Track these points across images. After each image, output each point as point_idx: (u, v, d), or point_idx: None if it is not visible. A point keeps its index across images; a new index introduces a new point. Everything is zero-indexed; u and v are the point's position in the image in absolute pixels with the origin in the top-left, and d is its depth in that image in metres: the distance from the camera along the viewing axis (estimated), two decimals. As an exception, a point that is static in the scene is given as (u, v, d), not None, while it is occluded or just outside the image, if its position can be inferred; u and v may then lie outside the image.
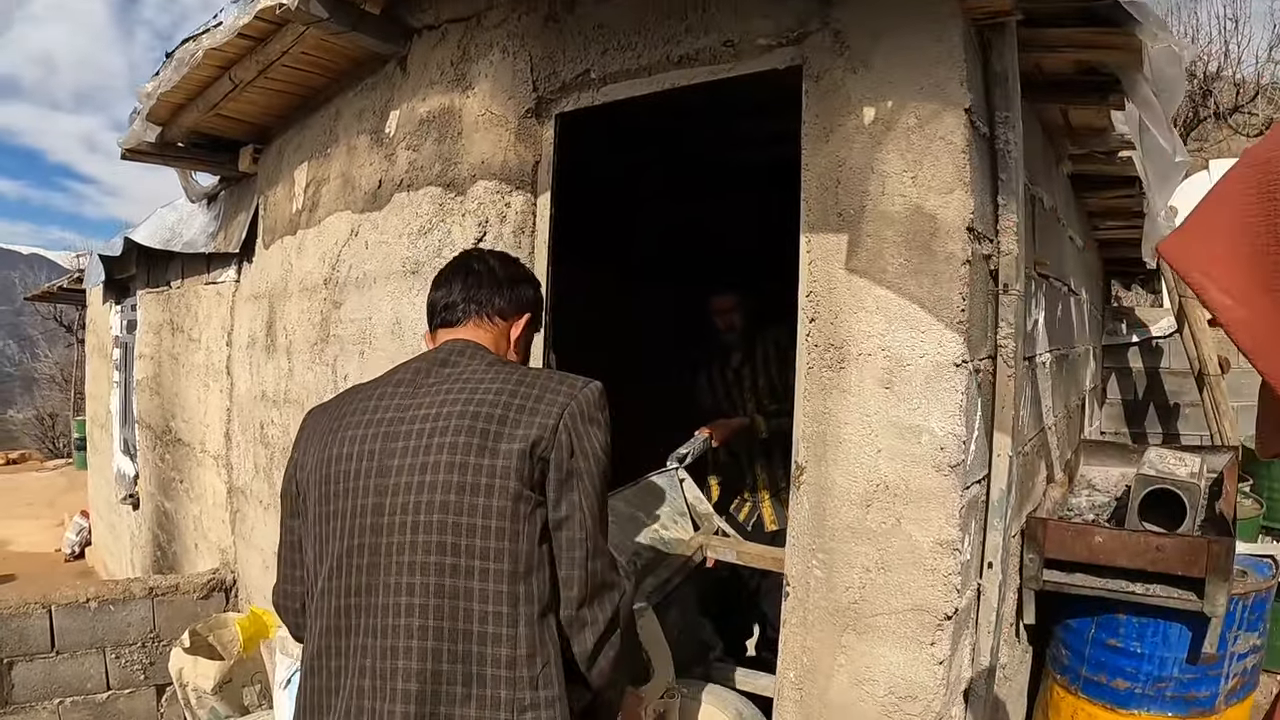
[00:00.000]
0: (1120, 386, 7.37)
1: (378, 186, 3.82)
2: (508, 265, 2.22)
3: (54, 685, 4.99)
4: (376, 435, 1.90)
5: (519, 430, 1.83)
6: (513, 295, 2.16)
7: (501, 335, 2.14)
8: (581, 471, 1.85)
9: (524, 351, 2.23)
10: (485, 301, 2.13)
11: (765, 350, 4.47)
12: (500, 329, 2.13)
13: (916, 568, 2.29)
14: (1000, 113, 2.42)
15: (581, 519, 1.84)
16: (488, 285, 2.14)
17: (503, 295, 2.14)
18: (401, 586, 1.80)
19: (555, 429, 1.84)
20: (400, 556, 1.81)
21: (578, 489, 1.85)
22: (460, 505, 1.80)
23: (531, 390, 1.89)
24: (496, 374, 1.94)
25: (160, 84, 4.55)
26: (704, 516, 3.61)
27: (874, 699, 2.38)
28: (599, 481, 1.88)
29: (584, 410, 1.88)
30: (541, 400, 1.87)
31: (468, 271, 2.17)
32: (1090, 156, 3.99)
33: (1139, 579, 3.03)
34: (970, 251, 2.21)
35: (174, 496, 7.08)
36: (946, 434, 2.23)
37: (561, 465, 1.84)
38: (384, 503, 1.84)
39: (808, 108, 2.46)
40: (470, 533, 1.79)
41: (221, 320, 5.87)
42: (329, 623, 1.86)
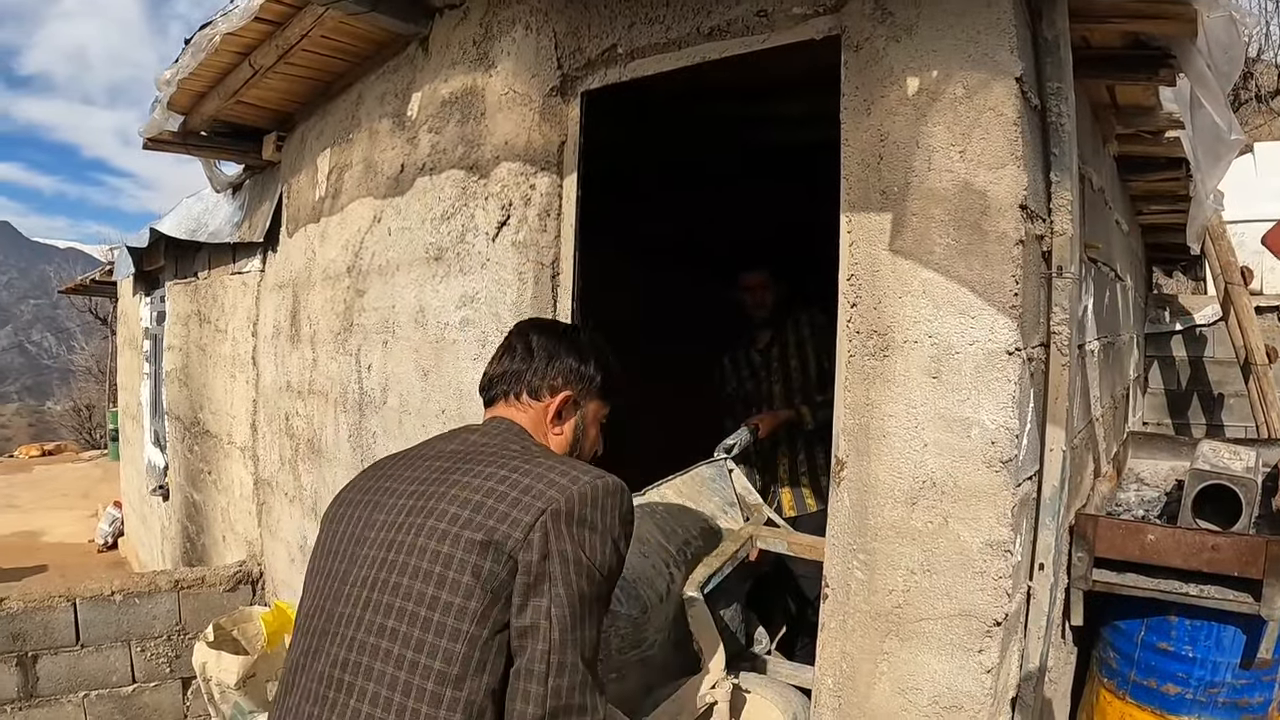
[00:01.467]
0: (1163, 376, 7.22)
1: (400, 171, 3.74)
2: (549, 337, 2.14)
3: (79, 678, 4.99)
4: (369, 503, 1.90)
5: (490, 522, 1.73)
6: (548, 371, 2.09)
7: (540, 415, 2.08)
8: (555, 576, 1.70)
9: (572, 432, 2.12)
10: (514, 382, 2.09)
11: (799, 333, 4.46)
12: (537, 410, 2.07)
13: (964, 570, 2.16)
14: (1052, 83, 2.28)
15: (547, 630, 1.68)
16: (520, 363, 2.10)
17: (536, 374, 2.08)
18: (336, 659, 1.75)
19: (530, 526, 1.71)
20: (345, 629, 1.76)
21: (547, 595, 1.69)
22: (409, 590, 1.72)
23: (523, 480, 1.79)
24: (504, 461, 1.87)
25: (179, 71, 4.50)
26: (754, 508, 3.55)
27: (917, 708, 2.26)
28: (578, 589, 1.71)
29: (570, 509, 1.74)
30: (528, 493, 1.76)
31: (507, 348, 2.16)
32: (1137, 136, 3.86)
33: (1193, 580, 2.89)
34: (1023, 231, 2.08)
35: (202, 488, 7.08)
36: (998, 427, 2.10)
37: (530, 568, 1.70)
38: (350, 572, 1.81)
39: (847, 79, 2.33)
40: (411, 621, 1.70)
41: (247, 310, 5.83)
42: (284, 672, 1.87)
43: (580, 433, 2.13)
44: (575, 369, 2.09)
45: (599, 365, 2.12)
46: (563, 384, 2.08)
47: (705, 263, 6.27)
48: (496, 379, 2.12)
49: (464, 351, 3.28)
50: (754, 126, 4.94)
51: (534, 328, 2.19)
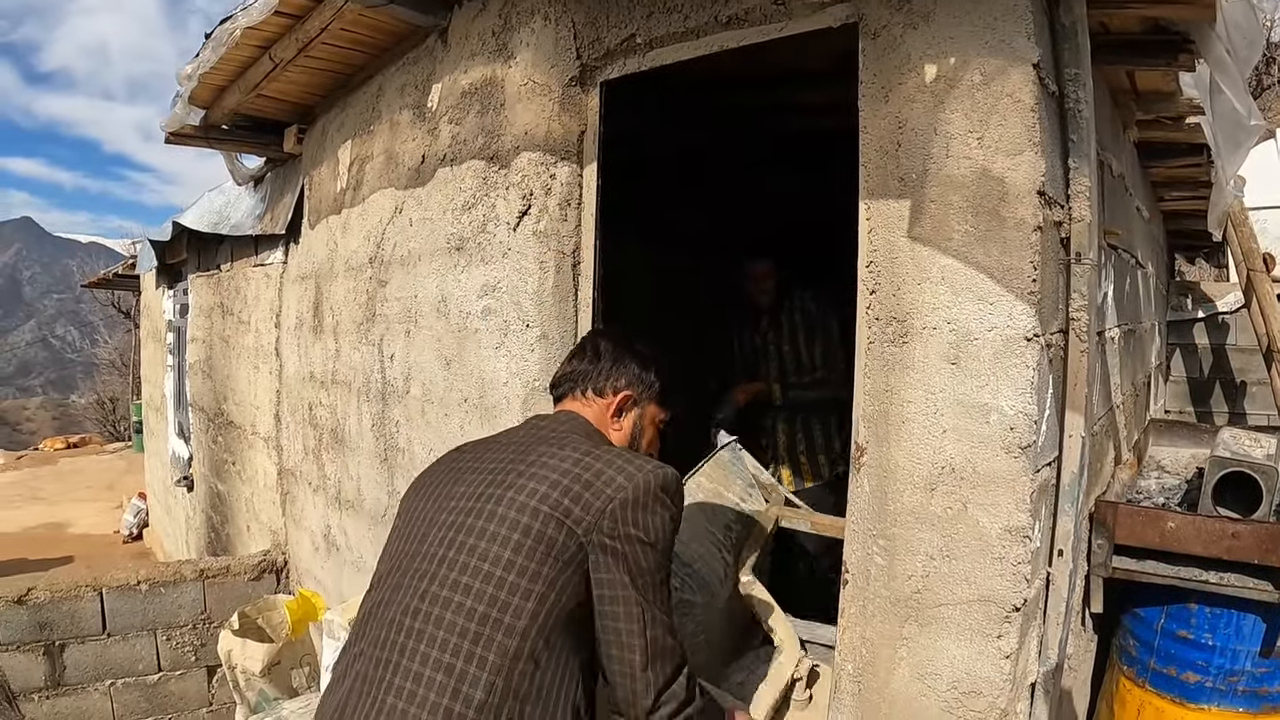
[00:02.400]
0: (1185, 364, 7.17)
1: (420, 162, 3.75)
2: (618, 345, 2.37)
3: (105, 667, 5.04)
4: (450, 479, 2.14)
5: (565, 501, 1.96)
6: (612, 373, 2.32)
7: (602, 411, 2.30)
8: (628, 555, 1.94)
9: (631, 429, 2.34)
10: (582, 380, 2.33)
11: (792, 320, 4.74)
12: (599, 406, 2.31)
13: (984, 556, 2.17)
14: (1069, 70, 2.28)
15: (633, 596, 1.94)
16: (588, 364, 2.34)
17: (601, 375, 2.32)
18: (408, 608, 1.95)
19: (602, 511, 1.94)
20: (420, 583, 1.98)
21: (626, 569, 1.94)
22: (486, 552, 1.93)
23: (595, 464, 2.02)
24: (571, 451, 2.07)
25: (200, 65, 4.52)
26: (769, 487, 3.58)
27: (936, 694, 2.27)
28: (649, 562, 1.96)
29: (638, 497, 1.97)
30: (599, 477, 1.99)
31: (579, 351, 2.42)
32: (1157, 122, 3.84)
33: (1213, 567, 2.88)
34: (1041, 217, 2.08)
35: (226, 478, 7.12)
36: (1017, 413, 2.10)
37: (604, 547, 1.94)
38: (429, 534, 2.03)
39: (865, 67, 2.33)
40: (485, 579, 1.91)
41: (270, 302, 5.86)
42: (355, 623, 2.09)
43: (638, 431, 2.36)
44: (637, 374, 2.32)
45: (659, 373, 2.36)
46: (624, 385, 2.31)
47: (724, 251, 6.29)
48: (565, 378, 2.36)
49: (486, 340, 3.30)
50: (772, 115, 4.94)
51: (603, 334, 2.48)
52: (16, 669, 4.81)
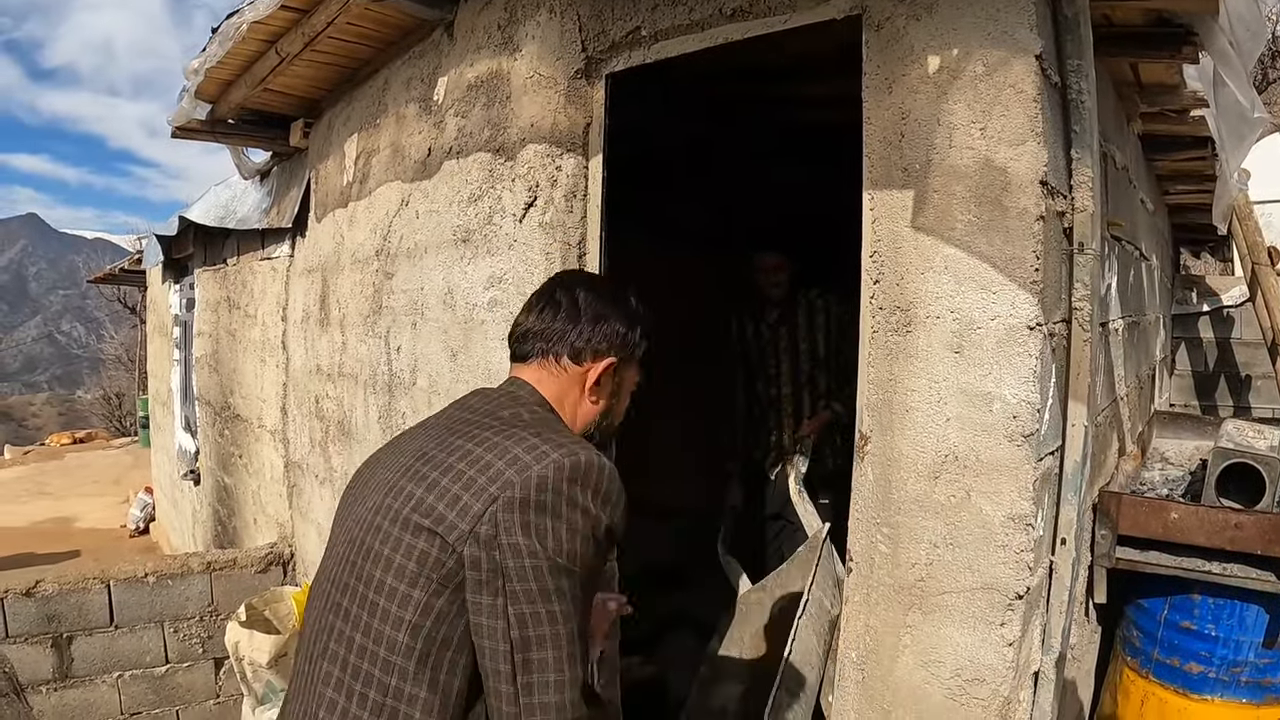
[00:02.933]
0: (1190, 357, 7.17)
1: (427, 155, 3.77)
2: (598, 296, 1.93)
3: (113, 659, 5.05)
4: (368, 480, 1.80)
5: (440, 507, 1.59)
6: (593, 334, 1.88)
7: (573, 382, 1.89)
8: (509, 571, 1.54)
9: (607, 401, 1.94)
10: (555, 341, 1.88)
11: (811, 318, 4.74)
12: (571, 375, 1.88)
13: (987, 544, 2.18)
14: (1072, 61, 2.29)
15: (505, 629, 1.54)
16: (564, 320, 1.89)
17: (580, 334, 1.88)
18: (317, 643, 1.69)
19: (479, 517, 1.56)
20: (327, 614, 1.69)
21: (503, 592, 1.54)
22: (370, 576, 1.63)
23: (485, 457, 1.63)
24: (478, 435, 1.70)
25: (206, 60, 4.54)
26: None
27: (940, 681, 2.28)
28: (539, 585, 1.54)
29: (526, 496, 1.56)
30: (485, 472, 1.61)
31: (549, 300, 1.93)
32: (1161, 115, 3.84)
33: (1216, 558, 2.90)
34: (1044, 207, 2.10)
35: (233, 472, 7.15)
36: (1019, 401, 2.11)
37: (479, 563, 1.55)
38: (340, 551, 1.73)
39: (868, 59, 2.34)
40: (370, 608, 1.61)
41: (276, 295, 5.88)
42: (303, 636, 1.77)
43: (614, 401, 1.96)
44: (623, 335, 1.91)
45: (645, 332, 1.96)
46: (607, 349, 1.89)
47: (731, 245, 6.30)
48: (533, 334, 1.90)
49: (492, 332, 3.31)
50: (777, 107, 4.94)
51: (581, 283, 1.99)
52: (25, 661, 4.83)
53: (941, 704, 2.28)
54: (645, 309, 1.98)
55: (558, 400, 1.88)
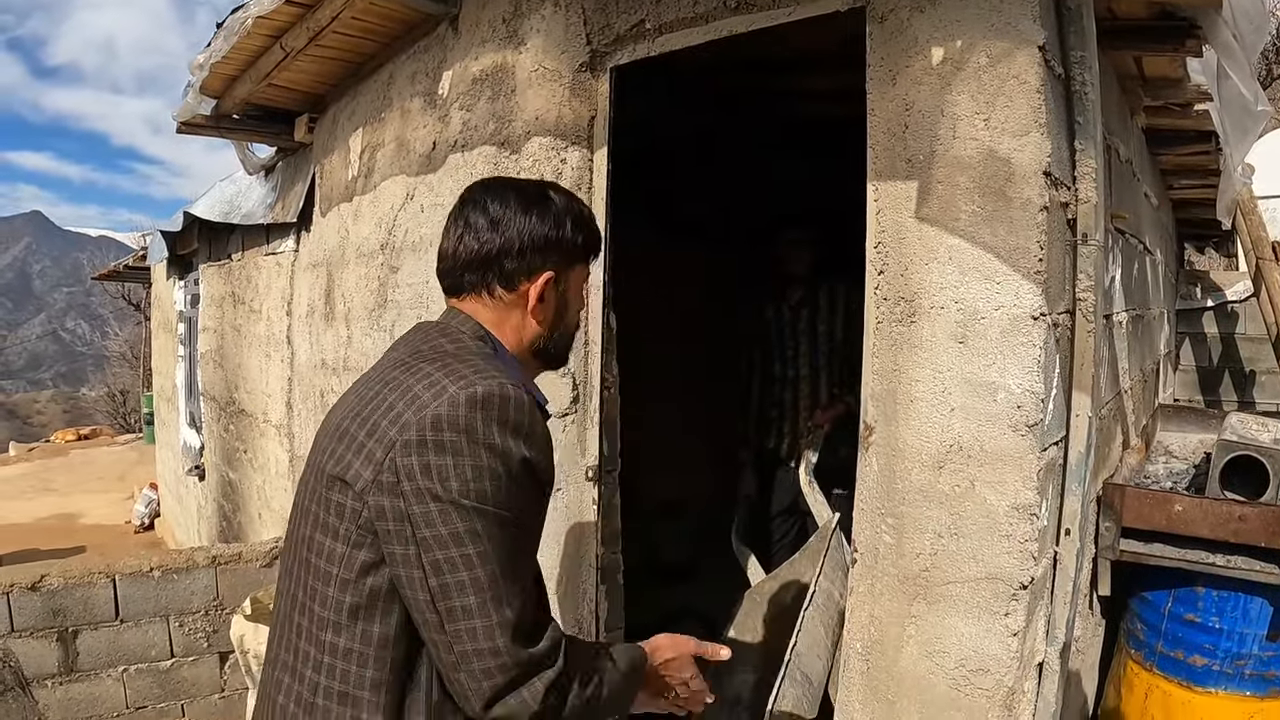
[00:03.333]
0: (1194, 352, 7.17)
1: (432, 149, 3.77)
2: (514, 205, 1.75)
3: (119, 653, 5.05)
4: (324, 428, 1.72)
5: (348, 456, 1.55)
6: (520, 251, 1.73)
7: (512, 306, 1.76)
8: (417, 518, 1.47)
9: (554, 314, 1.82)
10: (484, 271, 1.75)
11: (833, 302, 4.70)
12: (509, 301, 1.76)
13: (991, 533, 2.18)
14: (1075, 52, 2.29)
15: (422, 579, 1.48)
16: (485, 243, 1.73)
17: (509, 256, 1.73)
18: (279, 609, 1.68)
19: (381, 463, 1.50)
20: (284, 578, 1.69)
21: (414, 541, 1.48)
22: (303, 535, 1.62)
23: (389, 398, 1.57)
24: (390, 377, 1.62)
25: (211, 55, 4.55)
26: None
27: (944, 671, 2.28)
28: (450, 529, 1.46)
29: (423, 436, 1.48)
30: (387, 415, 1.54)
31: (464, 222, 1.78)
32: (1165, 109, 3.84)
33: (1220, 550, 2.89)
34: (1047, 198, 2.10)
35: (238, 467, 7.16)
36: (1023, 391, 2.12)
37: (385, 512, 1.50)
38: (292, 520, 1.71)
39: (872, 50, 2.35)
40: (305, 566, 1.60)
41: (281, 290, 5.89)
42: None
43: (561, 311, 1.84)
44: (553, 239, 1.76)
45: (575, 224, 1.80)
46: (541, 263, 1.75)
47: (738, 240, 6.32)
48: (458, 266, 1.77)
49: (496, 325, 3.32)
50: (781, 100, 4.95)
51: (490, 193, 1.81)
52: (30, 655, 4.84)
53: (946, 694, 2.28)
54: (571, 200, 1.85)
55: (497, 326, 1.77)
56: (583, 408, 3.13)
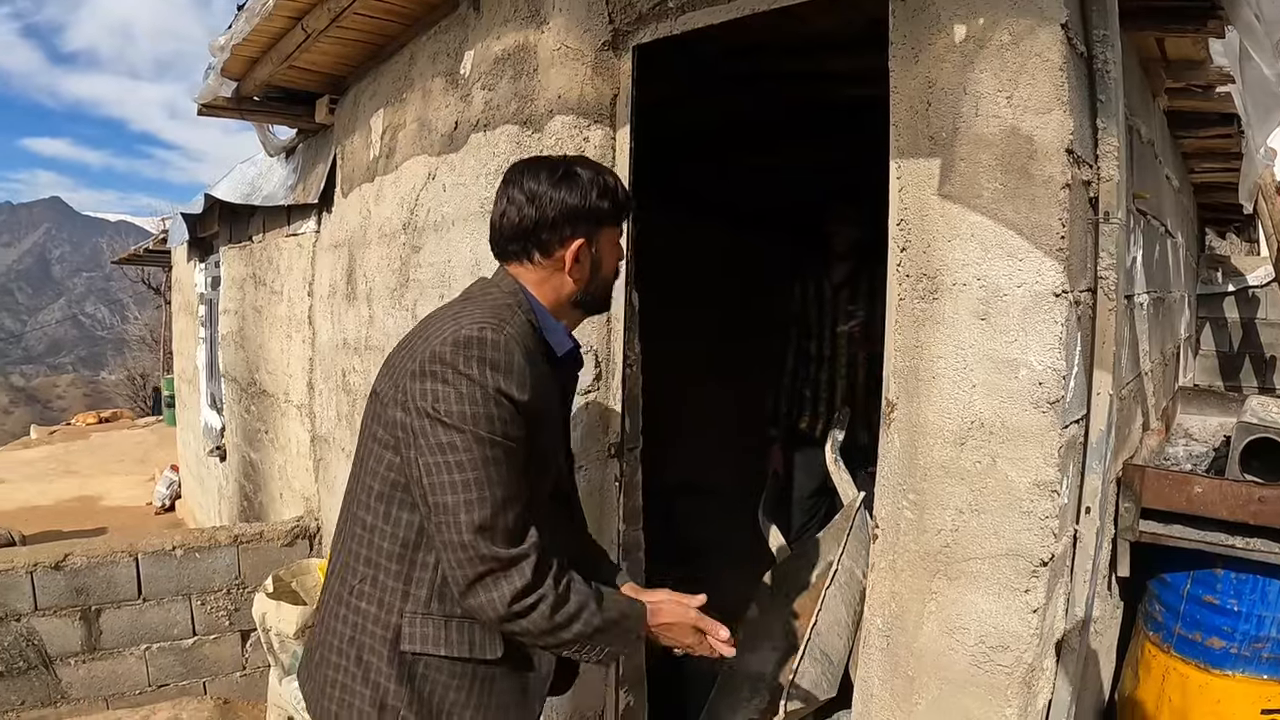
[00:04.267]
0: (1214, 337, 7.14)
1: (454, 128, 3.78)
2: (545, 183, 2.04)
3: (141, 631, 5.10)
4: None
5: (384, 383, 1.96)
6: (554, 224, 2.03)
7: (551, 271, 2.08)
8: (415, 430, 1.83)
9: (589, 271, 2.12)
10: (523, 240, 2.06)
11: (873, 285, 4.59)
12: (548, 266, 2.07)
13: (1012, 510, 2.19)
14: (1097, 30, 2.29)
15: (419, 477, 1.83)
16: (524, 219, 2.04)
17: (543, 227, 2.03)
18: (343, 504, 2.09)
19: (398, 386, 1.88)
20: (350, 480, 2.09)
21: (413, 447, 1.84)
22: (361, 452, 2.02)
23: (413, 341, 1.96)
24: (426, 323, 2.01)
25: (233, 36, 4.56)
26: None
27: (964, 648, 2.29)
28: (435, 441, 1.81)
29: (421, 366, 1.84)
30: (409, 351, 1.92)
31: (506, 201, 2.09)
32: (1186, 91, 3.83)
33: (1239, 532, 2.88)
34: (1070, 175, 2.10)
35: (259, 447, 7.20)
36: (1045, 368, 2.12)
37: (396, 424, 1.88)
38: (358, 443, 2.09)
39: (895, 28, 2.35)
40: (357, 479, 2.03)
41: (302, 271, 5.91)
42: None
43: (595, 269, 2.13)
44: (580, 209, 2.04)
45: (601, 192, 2.07)
46: (572, 232, 2.04)
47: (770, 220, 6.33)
48: (504, 239, 2.10)
49: (520, 303, 3.33)
50: (805, 82, 4.94)
51: (527, 173, 2.09)
52: (54, 633, 4.89)
53: (965, 671, 2.29)
54: (598, 172, 2.11)
55: (538, 286, 2.09)
56: (605, 385, 3.15)
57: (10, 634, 4.77)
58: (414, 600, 1.93)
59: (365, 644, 1.95)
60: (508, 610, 1.79)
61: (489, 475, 1.79)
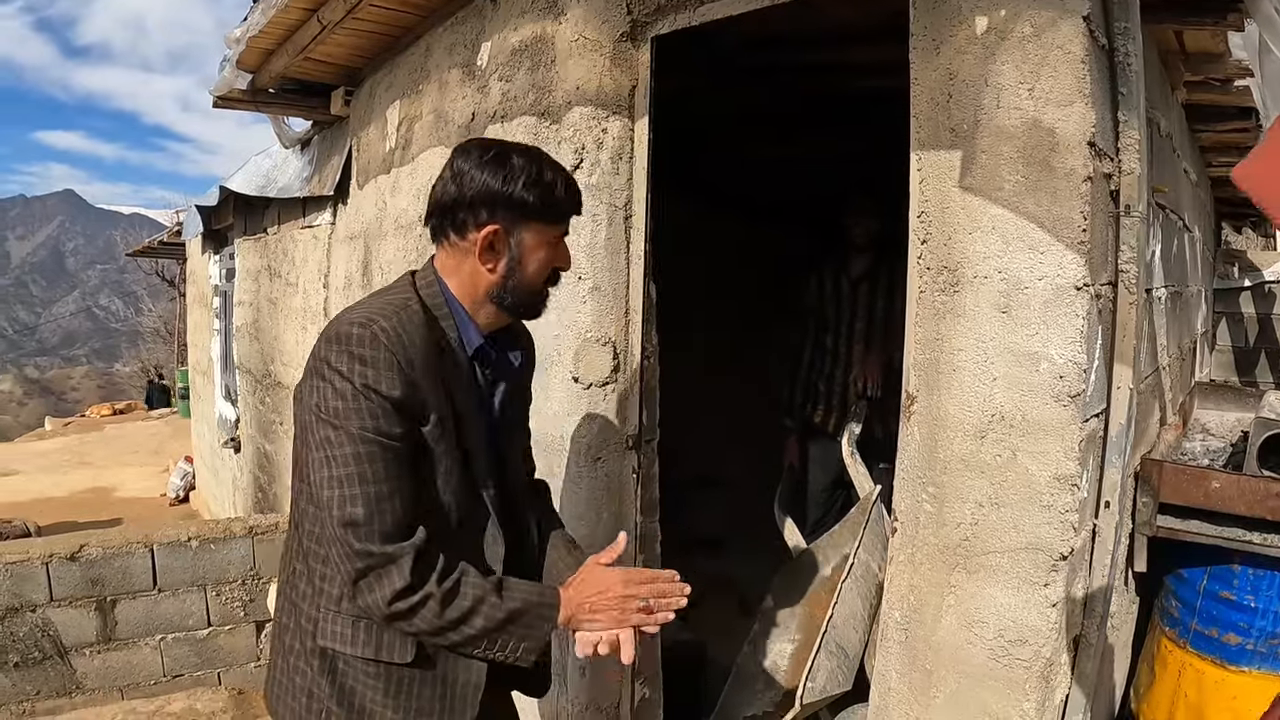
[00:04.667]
0: (1231, 332, 7.09)
1: (470, 120, 3.78)
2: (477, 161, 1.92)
3: (156, 622, 5.11)
4: None
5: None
6: (471, 202, 1.90)
7: (465, 254, 1.95)
8: (302, 423, 1.86)
9: (505, 266, 1.96)
10: (444, 216, 1.95)
11: (892, 279, 4.56)
12: (461, 248, 1.95)
13: (1032, 504, 2.18)
14: (1118, 23, 2.28)
15: (306, 471, 1.85)
16: (448, 194, 1.93)
17: (461, 205, 1.91)
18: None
19: (299, 384, 1.88)
20: None
21: (300, 440, 1.87)
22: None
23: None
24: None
25: (248, 29, 4.57)
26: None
27: (983, 641, 2.29)
28: (320, 435, 1.79)
29: (308, 365, 1.84)
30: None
31: (442, 175, 1.97)
32: (1205, 84, 3.81)
33: (1256, 528, 2.86)
34: (1091, 168, 2.09)
35: (274, 438, 7.21)
36: (1066, 362, 2.11)
37: (296, 418, 1.90)
38: None
39: (915, 20, 2.34)
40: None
41: (318, 263, 5.92)
42: None
43: (514, 265, 1.96)
44: (500, 194, 1.89)
45: (530, 184, 1.90)
46: (489, 216, 1.90)
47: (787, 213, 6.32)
48: (429, 214, 2.00)
49: (538, 293, 3.33)
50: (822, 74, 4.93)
51: (463, 152, 1.97)
52: (69, 624, 4.90)
53: (984, 665, 2.29)
54: (534, 161, 1.95)
55: (454, 270, 1.98)
56: (623, 376, 3.15)
57: (26, 624, 4.78)
58: (326, 597, 1.93)
59: (295, 633, 1.99)
60: (390, 609, 1.77)
61: (361, 472, 1.76)
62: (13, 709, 4.78)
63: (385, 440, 1.78)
